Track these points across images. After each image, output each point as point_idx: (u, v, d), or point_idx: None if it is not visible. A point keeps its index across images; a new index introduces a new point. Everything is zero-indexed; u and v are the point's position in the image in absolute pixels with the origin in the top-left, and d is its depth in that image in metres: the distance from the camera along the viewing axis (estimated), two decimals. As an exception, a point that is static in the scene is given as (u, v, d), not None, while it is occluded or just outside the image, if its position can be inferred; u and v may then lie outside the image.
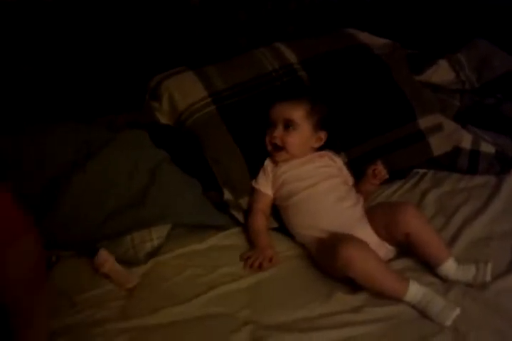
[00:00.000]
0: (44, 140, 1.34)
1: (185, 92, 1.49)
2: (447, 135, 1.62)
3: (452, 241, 1.31)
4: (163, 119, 1.51)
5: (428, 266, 1.21)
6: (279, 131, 1.36)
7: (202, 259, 1.26)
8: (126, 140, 1.41)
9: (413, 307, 1.08)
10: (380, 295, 1.10)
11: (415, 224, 1.19)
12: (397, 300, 1.09)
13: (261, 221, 1.34)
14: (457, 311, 1.04)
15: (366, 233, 1.24)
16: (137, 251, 1.23)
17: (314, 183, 1.32)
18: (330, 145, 1.46)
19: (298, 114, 1.36)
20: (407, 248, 1.24)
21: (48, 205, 1.28)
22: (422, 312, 1.07)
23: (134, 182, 1.32)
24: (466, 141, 1.62)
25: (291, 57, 1.59)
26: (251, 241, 1.32)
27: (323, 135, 1.41)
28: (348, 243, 1.13)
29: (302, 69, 1.57)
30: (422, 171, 1.63)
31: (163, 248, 1.27)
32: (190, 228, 1.33)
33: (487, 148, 1.60)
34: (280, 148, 1.37)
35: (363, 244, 1.16)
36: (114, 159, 1.34)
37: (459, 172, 1.61)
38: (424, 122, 1.59)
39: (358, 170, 1.47)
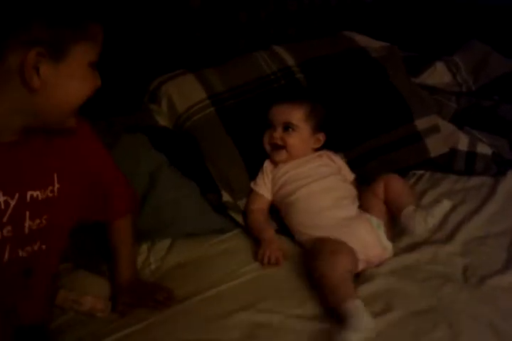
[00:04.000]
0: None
1: (184, 95, 1.51)
2: (444, 136, 1.63)
3: (448, 240, 1.32)
4: (162, 122, 1.52)
5: (424, 264, 1.22)
6: (278, 132, 1.38)
7: (202, 264, 1.26)
8: (126, 144, 1.40)
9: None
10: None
11: (391, 180, 1.29)
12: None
13: (261, 217, 1.35)
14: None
15: (365, 230, 1.25)
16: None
17: (312, 182, 1.34)
18: (329, 146, 1.48)
19: (297, 116, 1.38)
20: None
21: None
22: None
23: (133, 185, 1.32)
24: (463, 142, 1.63)
25: (289, 59, 1.61)
26: (251, 242, 1.33)
27: (321, 136, 1.42)
28: (333, 253, 1.15)
29: (300, 72, 1.59)
30: (419, 172, 1.64)
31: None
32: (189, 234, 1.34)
33: (484, 149, 1.61)
34: (280, 147, 1.38)
35: (346, 254, 1.16)
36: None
37: (455, 174, 1.62)
38: (421, 124, 1.60)
39: (355, 172, 1.49)
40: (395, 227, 1.32)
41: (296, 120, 1.37)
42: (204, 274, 1.24)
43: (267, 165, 1.43)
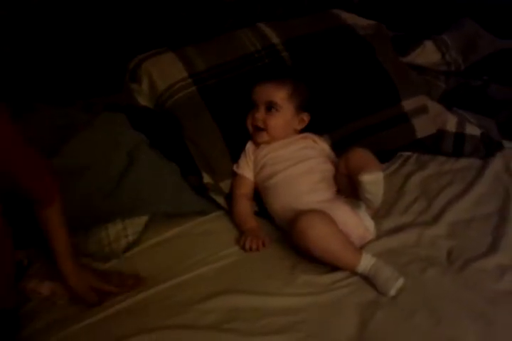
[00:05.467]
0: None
1: (165, 73, 1.46)
2: (432, 117, 1.60)
3: (434, 222, 1.30)
4: (143, 101, 1.48)
5: (407, 247, 1.20)
6: (261, 113, 1.34)
7: (180, 246, 1.24)
8: (104, 123, 1.37)
9: (363, 277, 1.11)
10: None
11: (349, 152, 1.22)
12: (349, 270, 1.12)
13: (245, 205, 1.33)
14: (400, 282, 1.06)
15: (343, 212, 1.21)
16: (113, 249, 1.20)
17: (291, 165, 1.31)
18: (313, 127, 1.44)
19: (280, 95, 1.34)
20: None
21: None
22: (371, 283, 1.09)
23: (112, 165, 1.29)
24: (451, 123, 1.60)
25: (274, 37, 1.56)
26: (234, 225, 1.31)
27: (305, 117, 1.39)
28: (306, 213, 1.14)
29: (285, 50, 1.54)
30: (406, 154, 1.61)
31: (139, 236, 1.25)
32: (168, 214, 1.30)
33: (472, 130, 1.58)
34: (261, 129, 1.35)
35: (321, 213, 1.15)
36: (91, 142, 1.31)
37: (443, 155, 1.59)
38: (409, 104, 1.56)
39: (341, 153, 1.45)
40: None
41: (279, 99, 1.34)
42: (182, 255, 1.21)
43: (249, 146, 1.40)
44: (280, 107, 1.34)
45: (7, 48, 1.50)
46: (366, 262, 1.11)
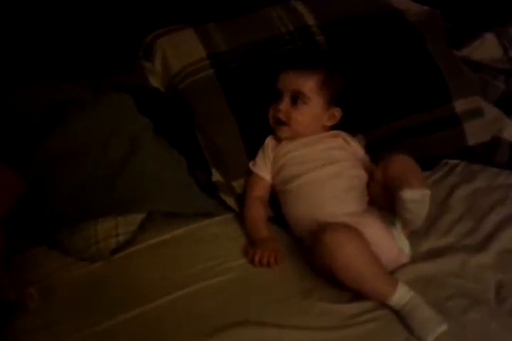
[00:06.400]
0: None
1: (180, 52, 1.29)
2: (487, 122, 1.39)
3: (481, 247, 1.09)
4: (155, 82, 1.31)
5: (448, 277, 0.99)
6: (284, 105, 1.15)
7: (180, 251, 1.07)
8: (106, 103, 1.22)
9: (395, 312, 0.93)
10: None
11: (390, 160, 1.04)
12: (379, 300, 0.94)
13: (258, 210, 1.15)
14: (442, 328, 0.88)
15: (376, 229, 1.03)
16: (100, 248, 1.05)
17: (318, 167, 1.11)
18: (346, 125, 1.23)
19: (309, 85, 1.15)
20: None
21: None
22: (403, 320, 0.91)
23: (110, 152, 1.12)
24: (509, 130, 1.40)
25: (310, 18, 1.36)
26: (245, 232, 1.14)
27: (337, 112, 1.19)
28: (333, 227, 0.96)
29: (321, 34, 1.34)
30: (452, 162, 1.40)
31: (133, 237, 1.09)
32: (170, 213, 1.13)
33: (534, 141, 1.37)
34: (284, 123, 1.16)
35: (352, 230, 0.97)
36: (88, 123, 1.15)
37: (496, 167, 1.38)
38: (461, 105, 1.35)
39: (376, 157, 1.24)
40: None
41: (308, 89, 1.14)
42: (180, 263, 1.05)
43: (269, 141, 1.21)
44: (308, 99, 1.14)
45: (17, 15, 1.35)
46: (402, 295, 0.92)
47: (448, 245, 1.09)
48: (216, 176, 1.17)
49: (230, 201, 1.18)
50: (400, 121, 1.31)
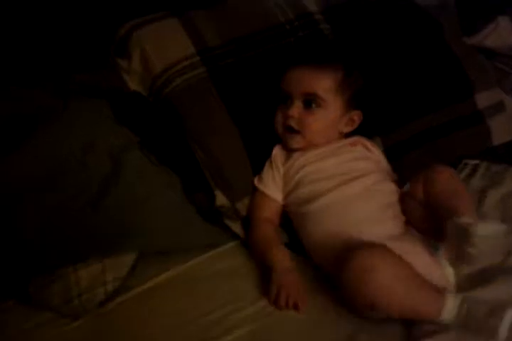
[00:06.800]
0: None
1: (164, 47, 1.09)
2: (510, 118, 1.24)
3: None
4: (133, 84, 1.11)
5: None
6: (296, 109, 0.98)
7: (180, 299, 0.87)
8: (77, 112, 1.01)
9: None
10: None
11: (432, 174, 0.90)
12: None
13: (269, 231, 0.97)
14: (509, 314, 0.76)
15: (419, 256, 0.87)
16: (84, 301, 0.84)
17: (341, 183, 0.94)
18: (361, 128, 1.06)
19: (325, 85, 0.97)
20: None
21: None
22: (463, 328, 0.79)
23: (85, 176, 0.92)
24: None
25: (311, 4, 1.18)
26: (256, 262, 0.96)
27: (356, 116, 1.02)
28: (362, 248, 0.81)
29: (325, 21, 1.16)
30: (472, 163, 1.26)
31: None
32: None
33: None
34: (295, 131, 0.98)
35: (384, 249, 0.82)
36: (57, 139, 0.95)
37: None
38: (483, 99, 1.21)
39: (397, 163, 1.09)
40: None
41: (324, 91, 0.97)
42: (183, 315, 0.84)
43: (277, 152, 1.03)
44: (324, 102, 0.97)
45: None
46: (451, 306, 0.79)
47: (494, 266, 0.94)
48: (220, 199, 0.98)
49: (236, 227, 1.00)
50: (418, 122, 1.15)
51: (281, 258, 0.92)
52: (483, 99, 1.20)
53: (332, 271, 0.89)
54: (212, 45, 1.08)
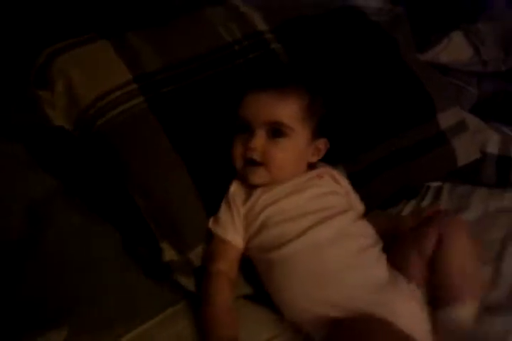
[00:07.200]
0: None
1: (93, 75, 0.92)
2: (472, 136, 1.19)
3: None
4: (58, 118, 0.93)
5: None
6: (259, 140, 0.85)
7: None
8: None
9: None
10: None
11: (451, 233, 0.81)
12: None
13: (223, 294, 0.81)
14: None
15: (409, 304, 0.77)
16: None
17: (315, 225, 0.82)
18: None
19: (291, 112, 0.86)
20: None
21: None
22: None
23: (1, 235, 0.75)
24: (493, 143, 1.24)
25: (260, 22, 1.06)
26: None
27: (322, 144, 0.91)
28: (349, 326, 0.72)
29: (276, 41, 1.05)
30: (434, 185, 1.22)
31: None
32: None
33: (521, 152, 1.21)
34: (258, 163, 0.85)
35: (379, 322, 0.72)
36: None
37: (485, 186, 1.21)
38: (445, 119, 1.14)
39: (362, 190, 0.99)
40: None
41: (290, 119, 0.86)
42: None
43: (236, 189, 0.90)
44: (292, 131, 0.86)
45: None
46: None
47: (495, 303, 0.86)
48: (169, 254, 0.82)
49: (189, 282, 0.84)
50: (384, 145, 1.06)
51: (229, 330, 0.76)
52: (445, 119, 1.14)
53: (311, 330, 0.77)
54: (151, 70, 0.93)
